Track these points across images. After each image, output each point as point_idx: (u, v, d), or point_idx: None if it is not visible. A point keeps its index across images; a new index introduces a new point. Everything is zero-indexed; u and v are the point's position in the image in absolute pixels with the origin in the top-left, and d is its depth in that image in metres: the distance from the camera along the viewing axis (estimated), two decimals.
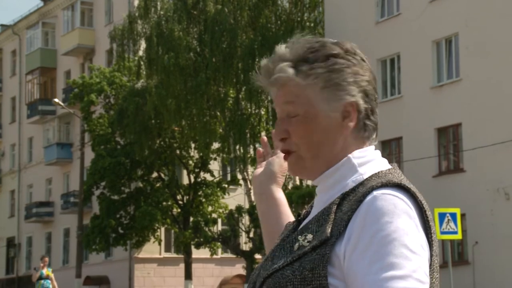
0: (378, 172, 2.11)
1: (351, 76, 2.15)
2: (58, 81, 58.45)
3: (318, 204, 2.17)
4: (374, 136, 2.19)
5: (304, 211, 2.31)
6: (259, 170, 2.50)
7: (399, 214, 1.98)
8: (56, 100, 48.10)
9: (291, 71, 2.12)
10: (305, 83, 2.12)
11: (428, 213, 2.06)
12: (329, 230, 2.02)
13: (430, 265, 2.02)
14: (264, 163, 2.51)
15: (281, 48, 2.17)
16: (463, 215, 27.16)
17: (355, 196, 2.04)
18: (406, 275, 1.91)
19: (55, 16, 58.98)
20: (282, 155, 2.36)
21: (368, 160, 2.16)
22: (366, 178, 2.10)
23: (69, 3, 56.83)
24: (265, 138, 2.52)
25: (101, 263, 50.99)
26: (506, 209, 28.56)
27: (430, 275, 2.00)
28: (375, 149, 2.20)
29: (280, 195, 2.45)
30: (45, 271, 26.90)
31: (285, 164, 2.36)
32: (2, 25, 65.83)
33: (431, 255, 2.03)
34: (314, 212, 2.16)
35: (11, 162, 63.64)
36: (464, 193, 29.21)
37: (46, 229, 58.37)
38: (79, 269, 44.73)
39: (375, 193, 2.01)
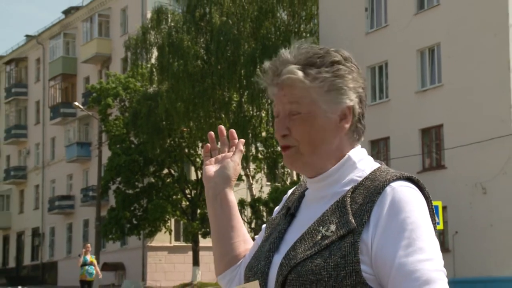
0: (379, 167, 2.14)
1: (351, 82, 2.14)
2: (78, 86, 58.48)
3: (320, 200, 2.16)
4: (362, 137, 2.20)
5: (287, 205, 2.27)
6: (211, 169, 2.38)
7: (418, 203, 2.04)
8: (76, 103, 48.12)
9: (300, 73, 2.11)
10: (311, 85, 2.11)
11: (431, 203, 2.12)
12: (353, 220, 2.02)
13: None
14: (212, 159, 2.41)
15: (286, 53, 2.15)
16: (444, 208, 27.17)
17: (368, 189, 2.06)
18: (432, 257, 1.97)
19: (75, 28, 59.02)
20: (237, 158, 2.39)
21: (363, 158, 2.17)
22: (370, 173, 2.11)
23: (88, 15, 56.86)
24: (212, 133, 2.44)
25: (117, 251, 51.03)
26: (483, 202, 28.56)
27: None
28: (361, 148, 2.21)
29: (232, 197, 2.39)
30: (89, 257, 25.67)
31: (239, 168, 2.37)
32: (28, 36, 65.82)
33: None
34: (317, 206, 2.14)
35: (35, 160, 63.69)
36: (445, 188, 29.20)
37: (67, 220, 58.41)
38: (97, 256, 44.72)
39: (392, 185, 2.04)
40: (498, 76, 28.64)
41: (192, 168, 46.50)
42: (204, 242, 45.63)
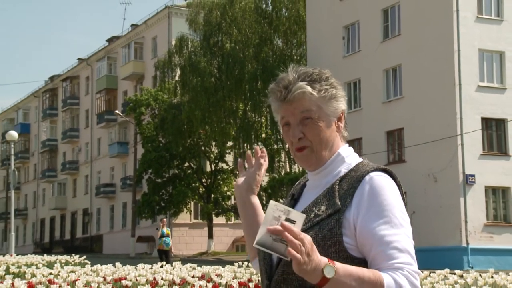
0: (362, 161, 2.18)
1: (341, 91, 2.18)
2: (119, 98, 58.47)
3: (316, 187, 2.17)
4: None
5: (292, 192, 2.29)
6: (240, 180, 2.34)
7: (392, 188, 2.07)
8: (117, 111, 48.12)
9: (308, 87, 2.12)
10: (317, 96, 2.13)
11: (402, 189, 2.14)
12: (339, 202, 2.05)
13: None
14: (242, 172, 2.37)
15: (288, 75, 2.15)
16: (405, 193, 27.00)
17: (352, 178, 2.09)
18: (405, 232, 2.01)
19: (116, 52, 59.01)
20: (261, 171, 2.30)
21: (349, 154, 2.20)
22: (355, 166, 2.15)
23: (126, 43, 56.85)
24: (249, 152, 2.39)
25: (149, 226, 50.93)
26: (435, 189, 28.59)
27: None
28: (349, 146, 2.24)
29: (256, 201, 2.36)
30: (165, 230, 23.63)
31: (259, 178, 2.31)
32: (79, 59, 65.86)
33: None
34: (314, 192, 2.16)
35: (85, 155, 63.73)
36: (405, 178, 29.14)
37: (110, 202, 58.41)
38: (134, 230, 44.74)
39: (371, 174, 2.08)
40: (446, 91, 28.64)
41: (207, 162, 46.48)
42: (216, 220, 45.61)
